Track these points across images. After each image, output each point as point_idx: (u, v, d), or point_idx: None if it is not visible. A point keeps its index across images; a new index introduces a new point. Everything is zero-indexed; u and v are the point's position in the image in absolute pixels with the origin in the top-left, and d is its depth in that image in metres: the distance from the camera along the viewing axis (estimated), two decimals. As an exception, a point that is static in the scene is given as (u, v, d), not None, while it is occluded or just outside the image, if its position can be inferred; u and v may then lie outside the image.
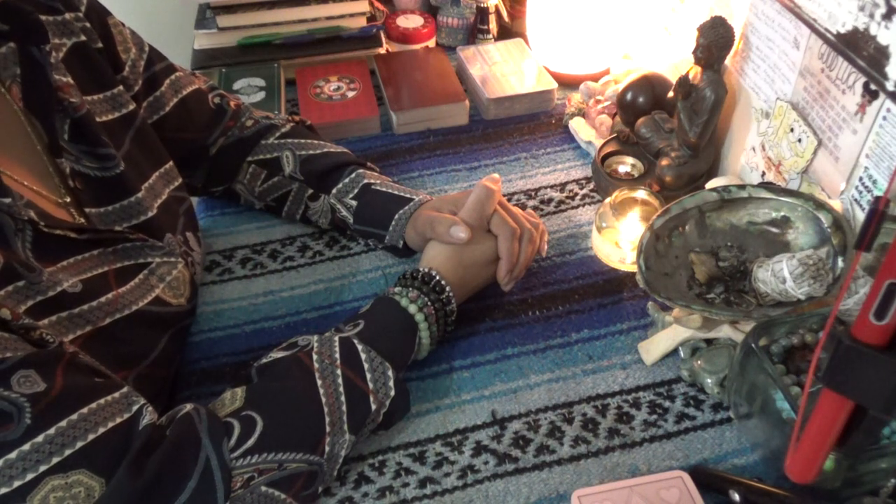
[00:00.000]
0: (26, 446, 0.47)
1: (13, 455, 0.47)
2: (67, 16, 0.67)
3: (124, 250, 0.65)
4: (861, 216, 0.67)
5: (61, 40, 0.66)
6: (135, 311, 0.64)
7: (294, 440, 0.57)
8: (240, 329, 0.76)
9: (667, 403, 0.68)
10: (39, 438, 0.48)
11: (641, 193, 0.81)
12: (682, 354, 0.71)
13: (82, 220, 0.63)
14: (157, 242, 0.68)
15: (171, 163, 0.76)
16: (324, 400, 0.59)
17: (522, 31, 1.17)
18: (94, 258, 0.62)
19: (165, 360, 0.68)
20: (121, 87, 0.71)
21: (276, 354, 0.63)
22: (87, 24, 0.70)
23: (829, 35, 0.67)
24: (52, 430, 0.48)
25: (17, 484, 0.47)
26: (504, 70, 1.09)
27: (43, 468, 0.47)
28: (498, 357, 0.72)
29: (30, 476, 0.47)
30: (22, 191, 0.57)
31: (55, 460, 0.48)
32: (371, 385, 0.61)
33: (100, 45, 0.70)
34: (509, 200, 0.90)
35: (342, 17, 1.14)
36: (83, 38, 0.68)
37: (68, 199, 0.63)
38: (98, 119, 0.67)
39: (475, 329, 0.75)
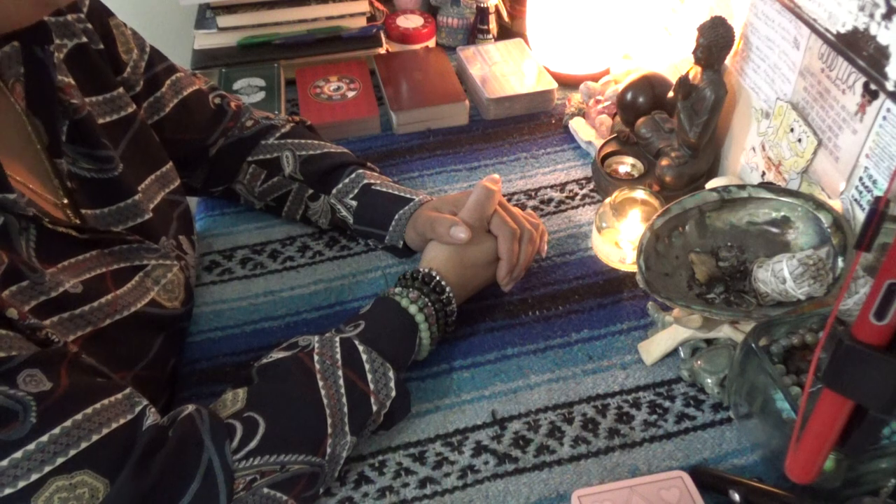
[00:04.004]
0: (31, 446, 0.47)
1: (18, 454, 0.47)
2: (69, 17, 0.67)
3: (121, 252, 0.65)
4: (861, 216, 0.67)
5: (62, 41, 0.66)
6: (132, 312, 0.64)
7: (296, 442, 0.57)
8: (240, 329, 0.76)
9: (667, 403, 0.68)
10: (44, 438, 0.47)
11: (641, 193, 0.81)
12: (682, 354, 0.71)
13: (78, 222, 0.64)
14: (152, 244, 0.68)
15: (166, 166, 0.76)
16: (325, 401, 0.59)
17: (522, 31, 1.17)
18: (92, 259, 0.62)
19: (160, 362, 0.68)
20: (120, 90, 0.71)
21: (277, 355, 0.63)
22: (89, 26, 0.70)
23: (829, 35, 0.67)
24: (56, 430, 0.48)
25: (21, 484, 0.47)
26: (504, 70, 1.09)
27: (48, 468, 0.47)
28: (498, 357, 0.72)
29: (34, 476, 0.47)
30: (22, 191, 0.57)
31: (59, 461, 0.48)
32: (372, 386, 0.61)
33: (101, 46, 0.71)
34: (509, 200, 0.90)
35: (342, 17, 1.14)
36: (84, 39, 0.68)
37: (66, 201, 0.63)
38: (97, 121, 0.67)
39: (475, 329, 0.75)
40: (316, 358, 0.61)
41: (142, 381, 0.63)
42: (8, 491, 0.46)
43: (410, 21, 1.20)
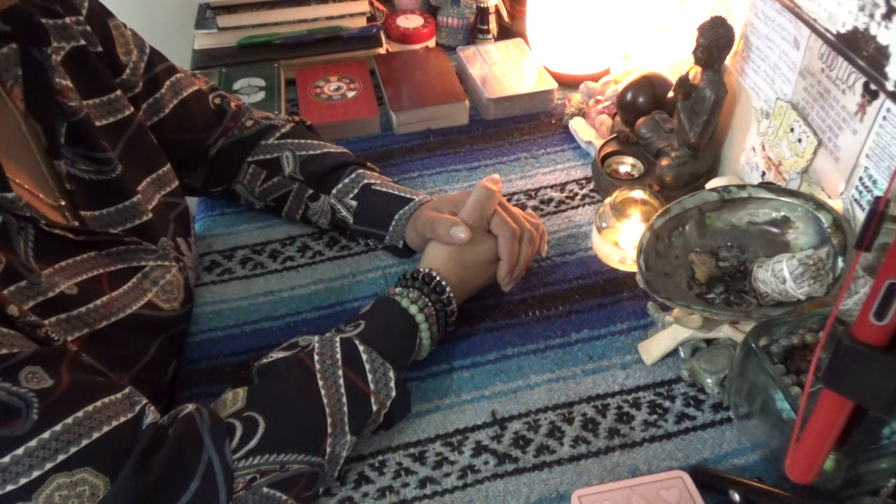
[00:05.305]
0: (33, 442, 0.47)
1: (20, 451, 0.47)
2: (68, 20, 0.67)
3: (118, 253, 0.65)
4: (861, 216, 0.67)
5: (59, 44, 0.66)
6: (128, 314, 0.64)
7: (296, 441, 0.57)
8: (240, 329, 0.76)
9: (667, 403, 0.68)
10: (46, 435, 0.48)
11: (641, 193, 0.81)
12: (682, 354, 0.71)
13: (76, 224, 0.64)
14: (150, 246, 0.68)
15: (164, 168, 0.75)
16: (325, 401, 0.59)
17: (522, 31, 1.17)
18: (89, 260, 0.62)
19: (159, 364, 0.68)
20: (118, 92, 0.71)
21: (277, 355, 0.63)
22: (88, 28, 0.69)
23: (829, 35, 0.67)
24: (58, 427, 0.48)
25: (23, 481, 0.47)
26: (504, 70, 1.09)
27: (49, 465, 0.47)
28: (498, 357, 0.72)
29: (36, 473, 0.47)
30: (19, 192, 0.58)
31: (61, 458, 0.48)
32: (372, 386, 0.61)
33: (99, 48, 0.70)
34: (509, 200, 0.90)
35: (342, 17, 1.14)
36: (82, 42, 0.68)
37: (63, 203, 0.63)
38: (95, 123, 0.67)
39: (475, 329, 0.75)
40: (316, 358, 0.61)
41: (140, 383, 0.63)
42: (10, 487, 0.46)
43: (410, 21, 1.20)
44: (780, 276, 0.63)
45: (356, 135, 1.03)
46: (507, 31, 1.23)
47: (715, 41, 0.78)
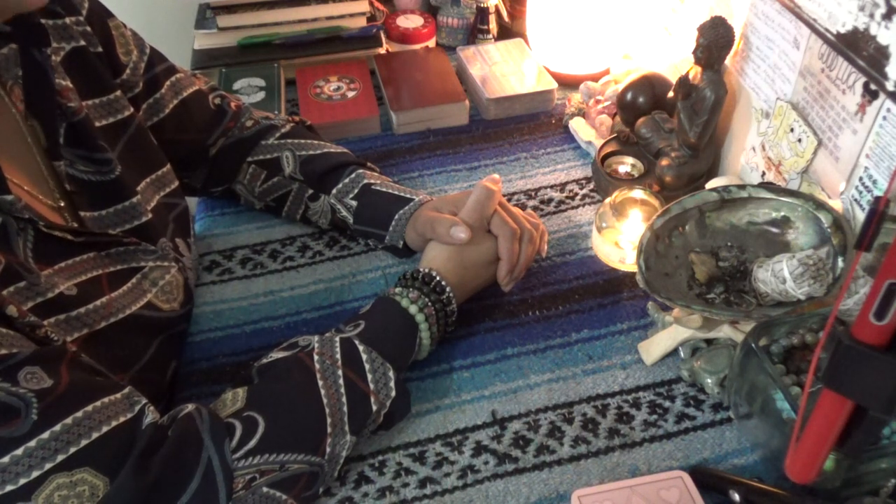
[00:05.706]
0: (32, 443, 0.47)
1: (20, 451, 0.47)
2: (68, 20, 0.67)
3: (118, 254, 0.65)
4: (861, 216, 0.67)
5: (59, 44, 0.66)
6: (128, 315, 0.64)
7: (296, 441, 0.57)
8: (240, 329, 0.76)
9: (667, 403, 0.68)
10: (45, 435, 0.47)
11: (641, 193, 0.81)
12: (682, 354, 0.71)
13: (75, 225, 0.64)
14: (149, 246, 0.68)
15: (163, 169, 0.75)
16: (325, 401, 0.59)
17: (522, 31, 1.17)
18: (88, 261, 0.62)
19: (158, 364, 0.68)
20: (118, 93, 0.71)
21: (277, 355, 0.63)
22: (88, 29, 0.69)
23: (829, 35, 0.67)
24: (58, 427, 0.48)
25: (22, 481, 0.47)
26: (504, 70, 1.09)
27: (48, 466, 0.47)
28: (498, 357, 0.72)
29: (35, 473, 0.47)
30: (18, 193, 0.58)
31: (60, 458, 0.48)
32: (372, 386, 0.61)
33: (99, 49, 0.71)
34: (509, 200, 0.90)
35: (342, 17, 1.14)
36: (82, 42, 0.68)
37: (62, 204, 0.63)
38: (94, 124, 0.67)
39: (475, 329, 0.75)
40: (316, 358, 0.61)
41: (140, 383, 0.63)
42: (9, 488, 0.46)
43: (410, 21, 1.20)
44: (780, 276, 0.63)
45: (356, 135, 1.03)
46: (507, 31, 1.23)
47: (715, 41, 0.78)
